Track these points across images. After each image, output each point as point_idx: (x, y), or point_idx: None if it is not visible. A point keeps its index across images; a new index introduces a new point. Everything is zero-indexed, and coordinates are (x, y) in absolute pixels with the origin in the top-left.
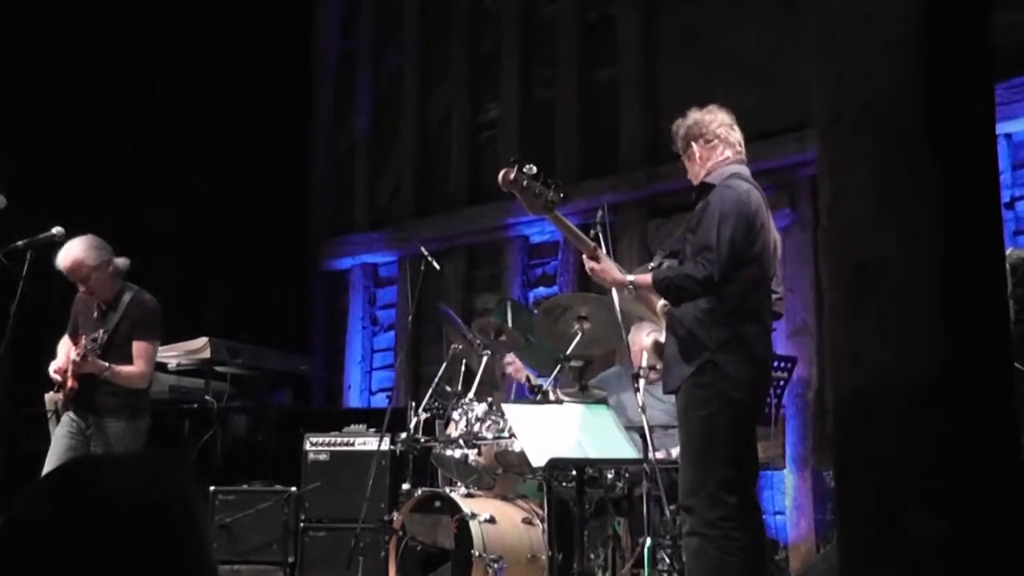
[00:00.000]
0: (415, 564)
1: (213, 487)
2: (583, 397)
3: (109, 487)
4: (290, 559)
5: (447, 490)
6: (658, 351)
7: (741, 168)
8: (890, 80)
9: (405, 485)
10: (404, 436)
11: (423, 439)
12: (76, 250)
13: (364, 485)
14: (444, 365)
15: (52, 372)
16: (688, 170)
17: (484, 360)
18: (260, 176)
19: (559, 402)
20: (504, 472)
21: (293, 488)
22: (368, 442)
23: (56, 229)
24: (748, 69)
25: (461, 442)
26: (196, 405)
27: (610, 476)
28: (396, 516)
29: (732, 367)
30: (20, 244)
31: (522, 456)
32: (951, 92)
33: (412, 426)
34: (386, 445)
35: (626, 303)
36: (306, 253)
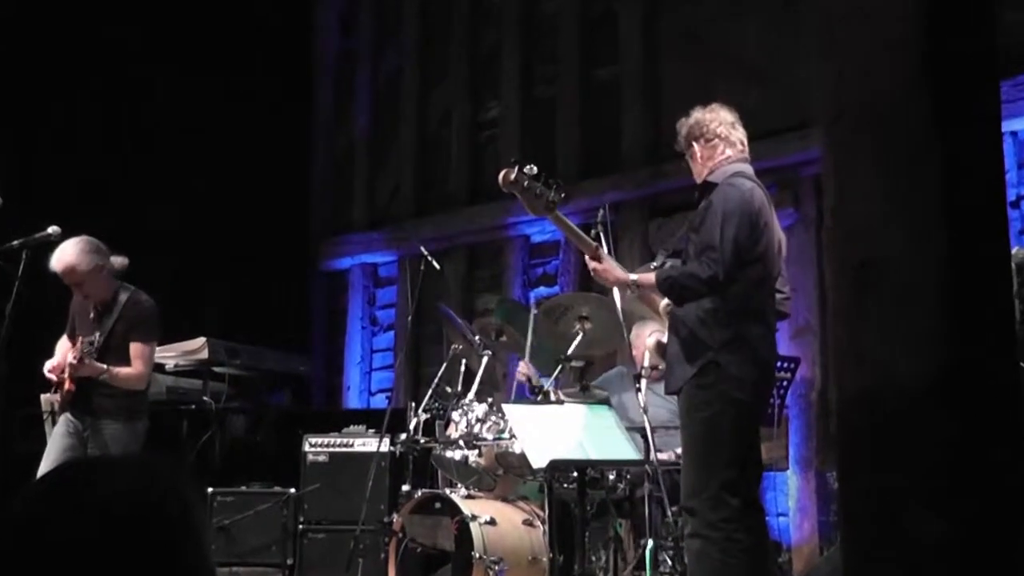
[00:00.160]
0: (415, 566)
1: (211, 489)
2: (584, 397)
3: (106, 488)
4: (289, 561)
5: (447, 491)
6: (660, 351)
7: (744, 167)
8: (891, 79)
9: (405, 486)
10: (404, 437)
11: (423, 440)
12: (69, 255)
13: (364, 486)
14: (444, 366)
15: (47, 371)
16: (691, 169)
17: (484, 361)
18: (259, 176)
19: (560, 403)
20: (505, 473)
21: (292, 489)
22: (368, 443)
23: (52, 228)
24: (750, 67)
25: (461, 443)
26: (194, 406)
27: (611, 477)
28: (396, 518)
29: (735, 367)
30: (16, 243)
31: (523, 457)
32: (954, 90)
33: (412, 427)
34: (386, 446)
35: (628, 303)
36: (305, 253)
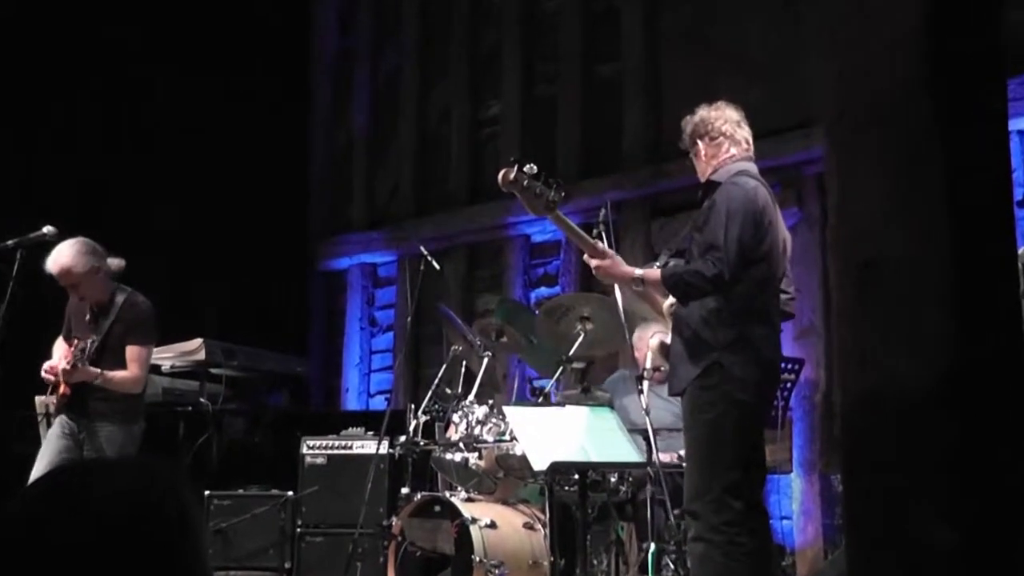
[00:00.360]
0: (414, 570)
1: (208, 491)
2: (586, 399)
3: (103, 491)
4: (287, 565)
5: (447, 494)
6: (663, 352)
7: (749, 165)
8: (895, 77)
9: (404, 489)
10: (403, 439)
11: (422, 442)
12: (65, 256)
13: (362, 489)
14: (444, 367)
15: (44, 372)
16: (696, 167)
17: (485, 362)
18: (257, 175)
19: (561, 404)
20: (505, 476)
21: (290, 492)
22: (366, 445)
23: (47, 228)
24: (753, 65)
25: (461, 445)
26: (191, 408)
27: (613, 480)
28: (395, 521)
29: (738, 368)
30: (11, 243)
31: (523, 459)
32: (958, 88)
33: (411, 429)
34: (385, 448)
35: (630, 303)
36: (303, 253)
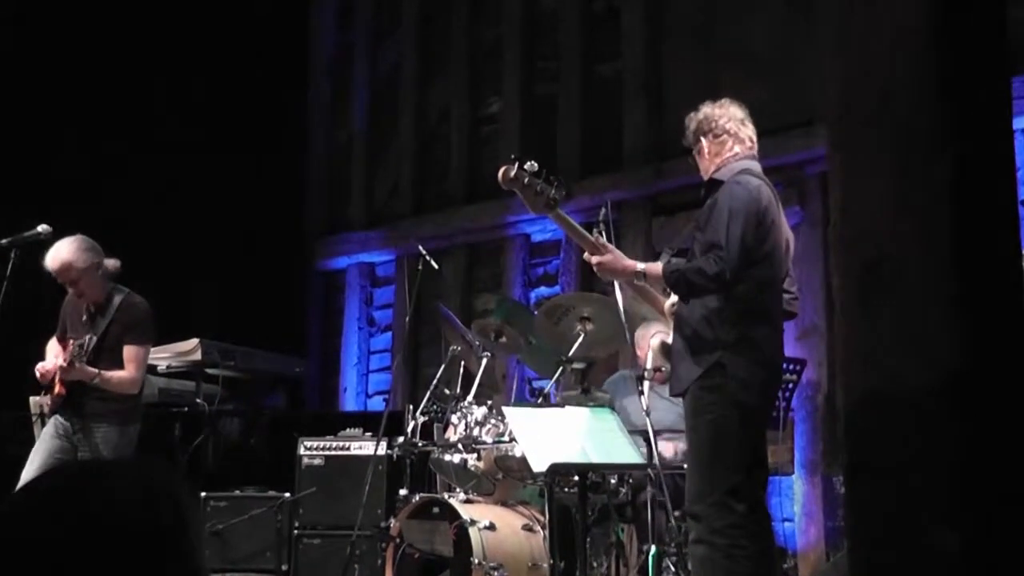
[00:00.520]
0: (413, 572)
1: (204, 493)
2: (586, 400)
3: (97, 494)
4: (284, 567)
5: (445, 496)
6: (665, 352)
7: (752, 164)
8: (898, 75)
9: (402, 491)
10: (401, 440)
11: (421, 443)
12: (64, 252)
13: (360, 491)
14: (443, 367)
15: (38, 374)
16: (698, 165)
17: (484, 362)
18: (255, 173)
19: (561, 405)
20: (504, 477)
21: (287, 494)
22: (364, 446)
23: (42, 227)
24: (755, 63)
25: (460, 446)
26: (187, 408)
27: (613, 481)
28: (393, 523)
29: (741, 369)
30: (4, 242)
31: (523, 461)
32: (964, 86)
33: (410, 430)
34: (383, 449)
35: (630, 303)
36: (301, 252)
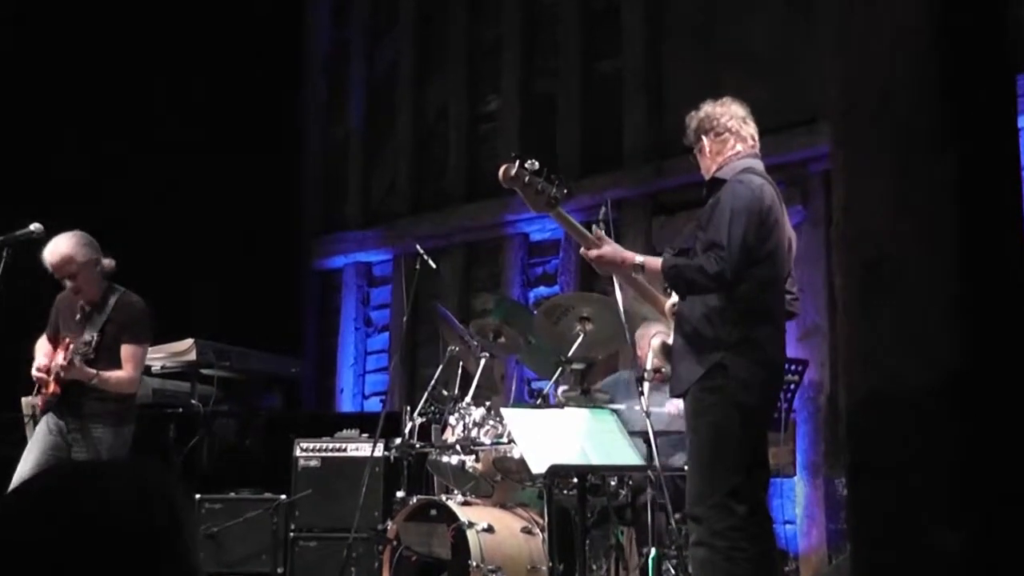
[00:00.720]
0: (410, 575)
1: (199, 495)
2: (585, 401)
3: (92, 495)
4: (280, 570)
5: (443, 498)
6: (665, 352)
7: (754, 162)
8: (901, 73)
9: (400, 493)
10: (399, 442)
11: (418, 445)
12: (64, 245)
13: (357, 493)
14: (440, 368)
15: (35, 373)
16: (699, 164)
17: (482, 362)
18: (250, 171)
19: (560, 406)
20: (503, 479)
21: (283, 496)
22: (361, 448)
23: (35, 226)
24: (756, 61)
25: (458, 448)
26: (181, 409)
27: (613, 483)
28: (390, 525)
29: (743, 370)
30: None
31: (521, 462)
32: (967, 84)
33: (407, 431)
34: (380, 451)
35: (631, 303)
36: (297, 251)
